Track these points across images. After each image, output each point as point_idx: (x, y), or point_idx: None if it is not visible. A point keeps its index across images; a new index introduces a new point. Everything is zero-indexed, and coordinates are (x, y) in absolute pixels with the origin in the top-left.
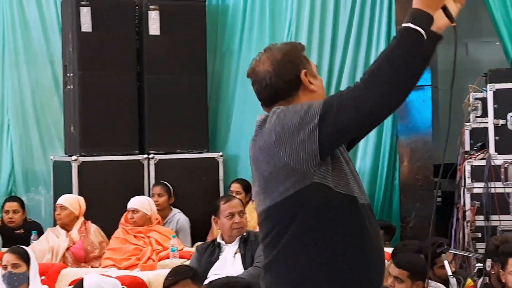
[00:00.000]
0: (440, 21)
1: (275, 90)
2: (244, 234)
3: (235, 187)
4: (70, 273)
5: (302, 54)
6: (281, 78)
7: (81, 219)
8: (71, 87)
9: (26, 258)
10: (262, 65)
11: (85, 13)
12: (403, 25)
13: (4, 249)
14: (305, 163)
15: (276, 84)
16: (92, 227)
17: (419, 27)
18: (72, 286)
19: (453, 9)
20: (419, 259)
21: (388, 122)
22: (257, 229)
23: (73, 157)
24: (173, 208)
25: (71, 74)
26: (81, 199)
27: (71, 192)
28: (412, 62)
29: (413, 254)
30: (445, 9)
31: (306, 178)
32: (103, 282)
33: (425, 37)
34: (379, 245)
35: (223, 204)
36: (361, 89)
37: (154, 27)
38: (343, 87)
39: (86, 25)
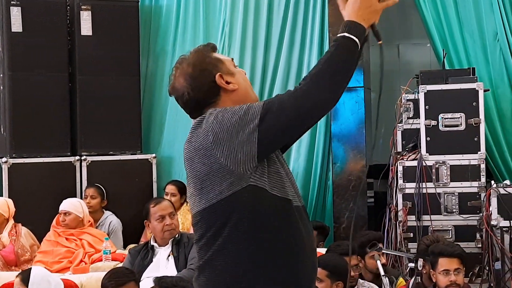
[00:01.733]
0: None
1: (197, 102)
2: (177, 236)
3: (170, 188)
4: (1, 277)
5: (212, 56)
6: (198, 90)
7: (11, 221)
8: (1, 88)
9: None
10: (178, 81)
11: (16, 13)
12: (340, 34)
13: None
14: (243, 165)
15: (195, 96)
16: (23, 230)
17: (355, 37)
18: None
19: None
20: (341, 260)
21: (321, 123)
22: (191, 231)
23: (3, 159)
24: (105, 211)
25: (1, 75)
26: (10, 201)
27: (1, 195)
28: (348, 67)
29: (335, 255)
30: (373, 27)
31: (242, 180)
32: (50, 277)
33: (359, 46)
34: (311, 247)
35: (153, 207)
36: (303, 90)
37: (86, 28)
38: (276, 87)
39: (17, 25)
